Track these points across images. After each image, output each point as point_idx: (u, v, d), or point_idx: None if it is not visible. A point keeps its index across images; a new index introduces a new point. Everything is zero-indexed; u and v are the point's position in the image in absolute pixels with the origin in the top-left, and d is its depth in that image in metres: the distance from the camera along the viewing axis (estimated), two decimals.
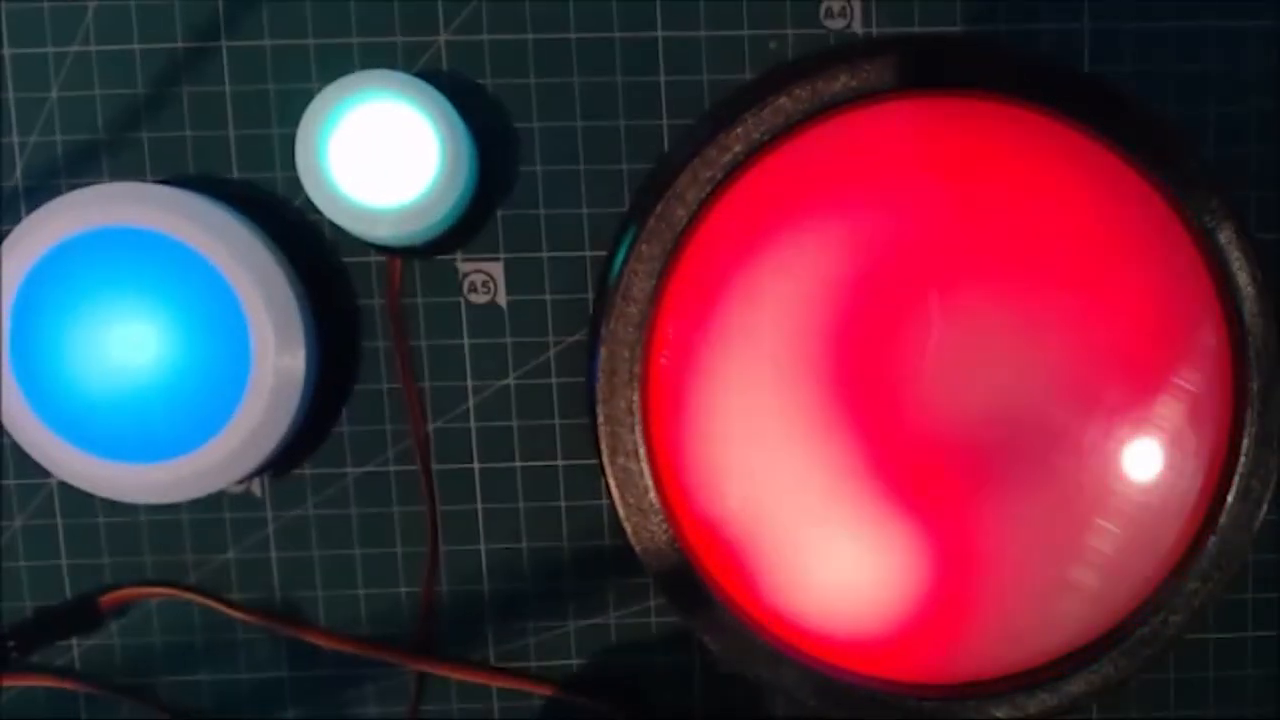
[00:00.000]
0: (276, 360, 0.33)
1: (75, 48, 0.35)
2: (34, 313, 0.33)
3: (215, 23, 0.35)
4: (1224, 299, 0.32)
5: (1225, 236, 0.32)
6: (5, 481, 0.36)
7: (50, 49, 0.35)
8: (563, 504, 0.37)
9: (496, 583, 0.37)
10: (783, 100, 0.32)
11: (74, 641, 0.37)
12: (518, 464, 0.37)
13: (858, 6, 0.35)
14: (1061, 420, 0.33)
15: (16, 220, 0.34)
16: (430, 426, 0.37)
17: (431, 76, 0.34)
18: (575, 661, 0.37)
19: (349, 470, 0.37)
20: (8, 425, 0.34)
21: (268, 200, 0.36)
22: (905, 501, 0.33)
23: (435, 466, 0.37)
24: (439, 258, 0.36)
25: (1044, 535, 0.33)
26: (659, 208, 0.32)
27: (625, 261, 0.32)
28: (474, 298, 0.36)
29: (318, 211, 0.33)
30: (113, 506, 0.36)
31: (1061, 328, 0.33)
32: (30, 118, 0.35)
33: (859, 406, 0.33)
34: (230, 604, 0.37)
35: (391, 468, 0.37)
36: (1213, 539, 0.32)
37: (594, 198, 0.36)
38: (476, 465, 0.37)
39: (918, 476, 0.33)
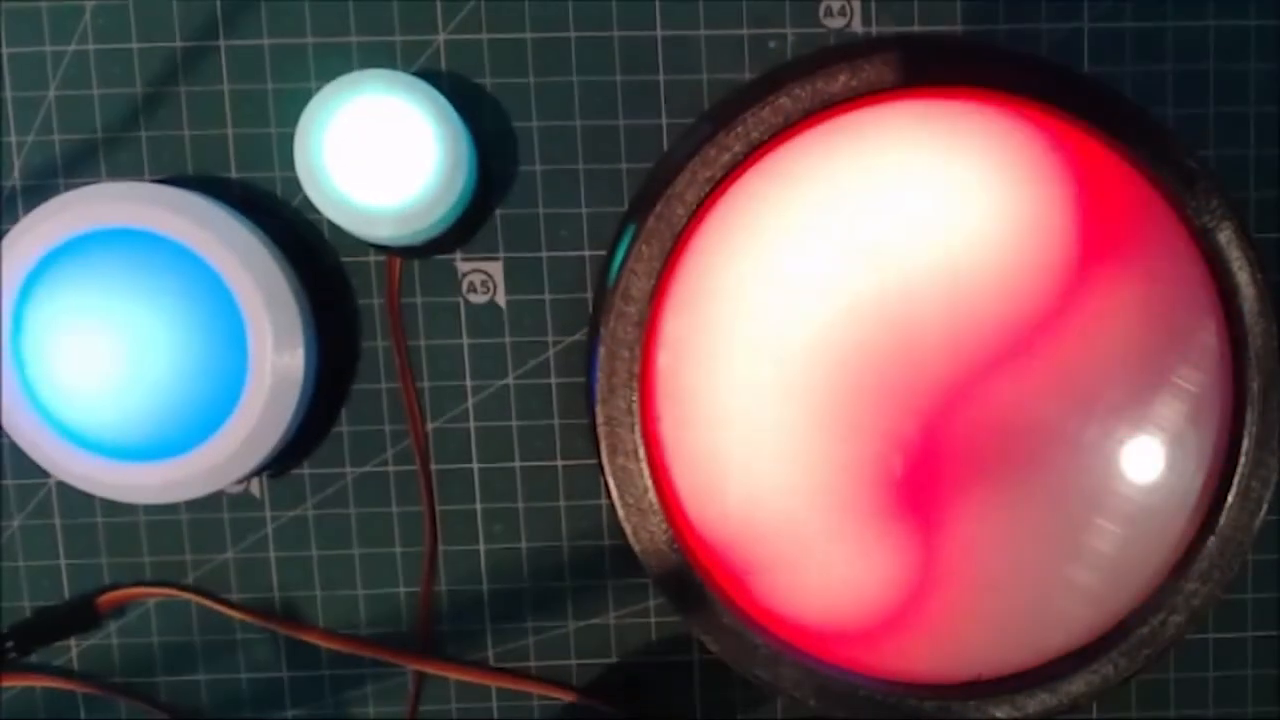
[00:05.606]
0: (275, 360, 0.33)
1: (73, 47, 0.35)
2: (33, 312, 0.33)
3: (213, 22, 0.35)
4: (1224, 299, 0.32)
5: (1225, 236, 0.32)
6: (4, 481, 0.36)
7: (48, 48, 0.35)
8: (562, 504, 0.37)
9: (496, 583, 0.37)
10: (782, 100, 0.31)
11: (73, 641, 0.37)
12: (517, 464, 0.37)
13: (857, 6, 0.35)
14: (1061, 421, 0.33)
15: (15, 220, 0.34)
16: (429, 426, 0.36)
17: (430, 76, 0.34)
18: (575, 661, 0.37)
19: (348, 470, 0.37)
20: (7, 425, 0.34)
21: (266, 200, 0.36)
22: (905, 501, 0.33)
23: (434, 466, 0.37)
24: (438, 257, 0.36)
25: (1043, 535, 0.33)
26: (658, 207, 0.32)
27: (624, 261, 0.32)
28: (473, 297, 0.36)
29: (316, 211, 0.33)
30: (111, 506, 0.36)
31: (1061, 327, 0.33)
32: (28, 117, 0.35)
33: (859, 407, 0.33)
34: (229, 604, 0.37)
35: (390, 468, 0.37)
36: (1213, 539, 0.32)
37: (593, 197, 0.36)
38: (475, 465, 0.37)
39: (917, 476, 0.33)
